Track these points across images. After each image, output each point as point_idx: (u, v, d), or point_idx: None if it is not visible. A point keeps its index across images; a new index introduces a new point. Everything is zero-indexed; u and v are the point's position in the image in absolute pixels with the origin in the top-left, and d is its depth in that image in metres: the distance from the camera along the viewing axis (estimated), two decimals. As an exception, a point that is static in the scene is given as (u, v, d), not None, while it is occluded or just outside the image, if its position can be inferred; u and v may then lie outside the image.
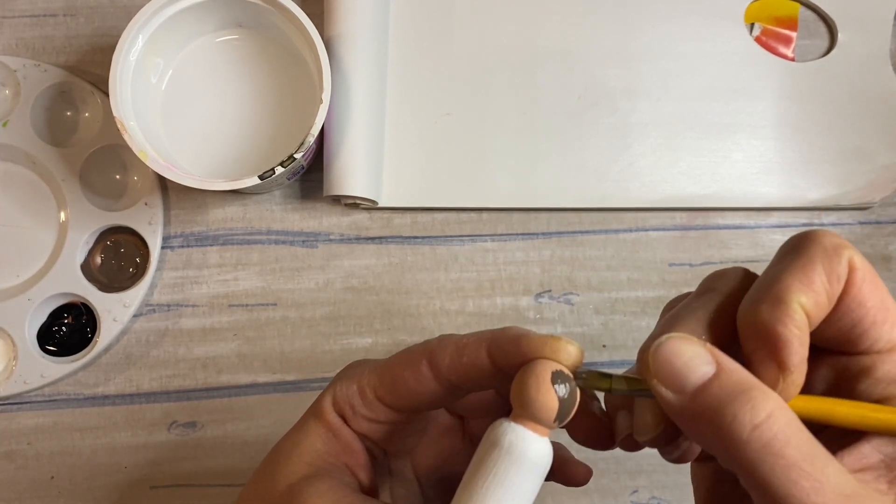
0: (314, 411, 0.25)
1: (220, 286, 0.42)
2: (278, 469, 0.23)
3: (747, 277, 0.22)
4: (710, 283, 0.22)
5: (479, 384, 0.24)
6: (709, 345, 0.19)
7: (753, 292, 0.21)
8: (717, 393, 0.18)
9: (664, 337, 0.20)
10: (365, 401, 0.25)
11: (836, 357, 0.21)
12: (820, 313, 0.20)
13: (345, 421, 0.25)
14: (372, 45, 0.41)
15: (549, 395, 0.21)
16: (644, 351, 0.20)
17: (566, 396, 0.21)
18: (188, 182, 0.36)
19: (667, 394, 0.19)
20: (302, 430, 0.25)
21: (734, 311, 0.21)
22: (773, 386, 0.19)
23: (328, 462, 0.24)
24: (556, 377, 0.21)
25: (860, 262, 0.20)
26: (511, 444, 0.21)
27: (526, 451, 0.21)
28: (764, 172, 0.43)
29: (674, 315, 0.22)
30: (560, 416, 0.21)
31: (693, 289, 0.43)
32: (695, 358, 0.19)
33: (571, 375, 0.21)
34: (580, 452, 0.27)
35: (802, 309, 0.19)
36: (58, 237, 0.41)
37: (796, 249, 0.20)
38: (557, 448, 0.23)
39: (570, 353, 0.21)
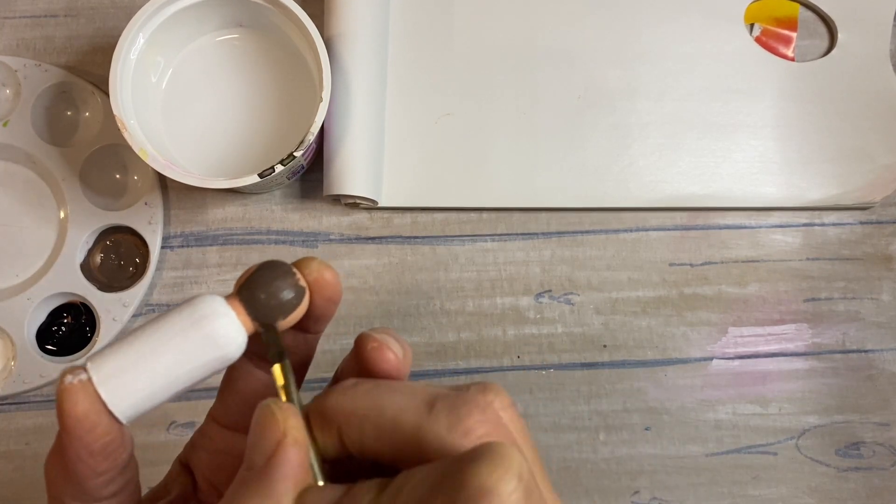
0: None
1: (220, 286, 0.42)
2: None
3: None
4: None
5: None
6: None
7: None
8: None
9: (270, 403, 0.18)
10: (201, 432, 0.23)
11: None
12: None
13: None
14: (372, 44, 0.41)
15: (251, 270, 0.20)
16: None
17: (285, 296, 0.19)
18: (188, 180, 0.36)
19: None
20: None
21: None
22: None
23: None
24: (286, 274, 0.19)
25: None
26: (200, 303, 0.19)
27: (209, 316, 0.18)
28: (764, 172, 0.43)
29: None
30: (258, 302, 0.19)
31: (693, 288, 0.43)
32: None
33: (306, 287, 0.20)
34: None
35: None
36: (57, 236, 0.41)
37: None
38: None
39: (313, 267, 0.20)
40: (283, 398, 0.19)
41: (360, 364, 0.21)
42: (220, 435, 0.23)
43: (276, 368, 0.19)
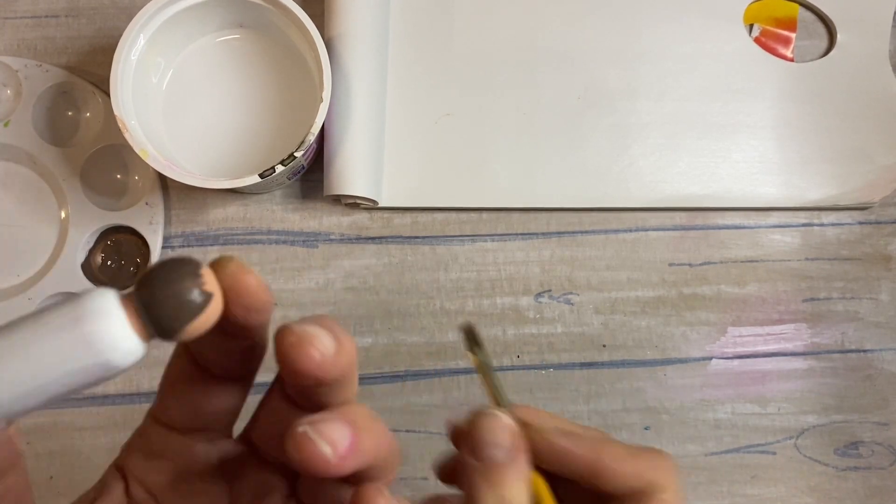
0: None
1: (221, 286, 0.42)
2: None
3: None
4: None
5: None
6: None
7: None
8: None
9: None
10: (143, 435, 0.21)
11: None
12: None
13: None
14: (372, 45, 0.41)
15: (152, 266, 0.16)
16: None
17: (185, 300, 0.16)
18: (189, 181, 0.36)
19: None
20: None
21: None
22: None
23: None
24: (189, 274, 0.16)
25: None
26: (87, 298, 0.16)
27: (91, 315, 0.15)
28: (763, 172, 0.43)
29: None
30: (154, 304, 0.16)
31: (692, 288, 0.43)
32: None
33: (214, 291, 0.16)
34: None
35: None
36: (58, 237, 0.41)
37: None
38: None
39: (229, 269, 0.17)
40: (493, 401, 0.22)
41: (279, 364, 0.17)
42: (159, 435, 0.21)
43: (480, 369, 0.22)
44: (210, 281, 0.16)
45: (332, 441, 0.16)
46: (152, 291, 0.16)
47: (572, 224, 0.43)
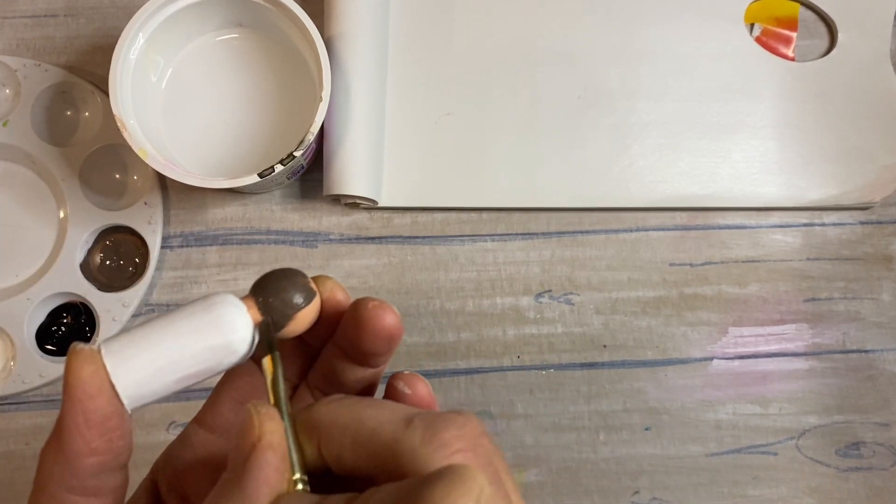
0: None
1: (220, 286, 0.42)
2: None
3: None
4: None
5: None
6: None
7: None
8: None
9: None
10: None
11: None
12: None
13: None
14: (372, 44, 0.41)
15: (270, 273, 0.20)
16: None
17: (294, 296, 0.20)
18: (188, 180, 0.36)
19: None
20: None
21: None
22: None
23: None
24: (298, 276, 0.20)
25: None
26: (214, 295, 0.20)
27: (218, 304, 0.19)
28: (764, 172, 0.43)
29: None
30: (267, 298, 0.20)
31: (693, 288, 0.43)
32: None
33: (317, 292, 0.20)
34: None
35: None
36: (57, 236, 0.41)
37: None
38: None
39: (327, 285, 0.21)
40: (270, 394, 0.19)
41: (357, 327, 0.20)
42: (203, 440, 0.22)
43: (266, 360, 0.20)
44: (313, 284, 0.21)
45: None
46: (268, 288, 0.20)
47: (572, 224, 0.43)
